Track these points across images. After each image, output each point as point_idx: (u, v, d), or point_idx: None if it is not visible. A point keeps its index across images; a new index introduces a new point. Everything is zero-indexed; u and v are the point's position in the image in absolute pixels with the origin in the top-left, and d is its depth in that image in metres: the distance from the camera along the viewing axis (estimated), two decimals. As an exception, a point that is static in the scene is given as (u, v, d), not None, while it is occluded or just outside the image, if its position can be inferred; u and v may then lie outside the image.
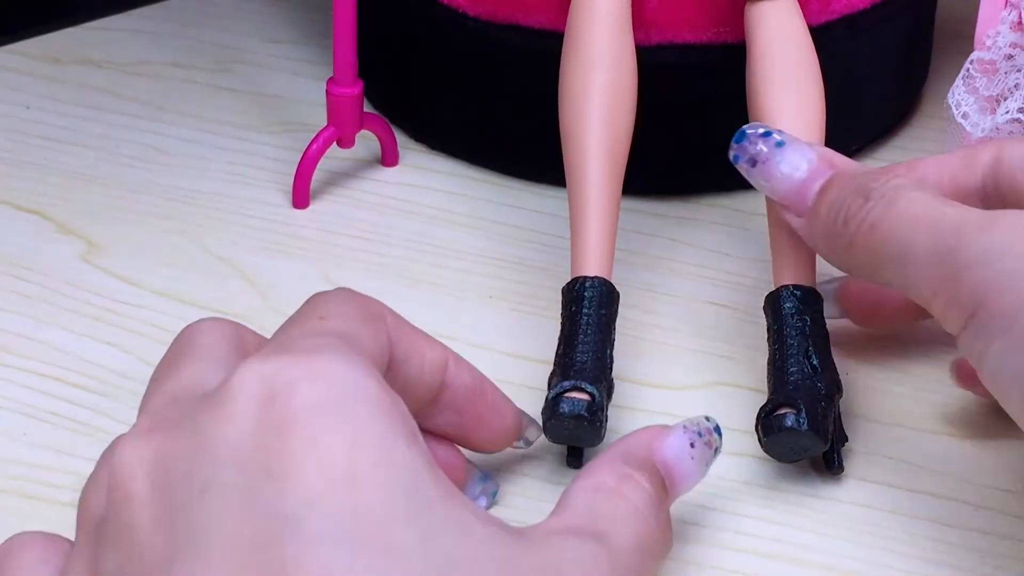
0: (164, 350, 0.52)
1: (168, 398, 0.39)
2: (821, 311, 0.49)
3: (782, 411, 0.46)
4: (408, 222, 0.59)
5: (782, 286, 0.49)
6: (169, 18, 0.72)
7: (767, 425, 0.46)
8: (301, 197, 0.60)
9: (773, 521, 0.47)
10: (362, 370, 0.37)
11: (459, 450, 0.46)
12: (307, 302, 0.41)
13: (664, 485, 0.42)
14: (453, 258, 0.57)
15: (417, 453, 0.37)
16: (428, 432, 0.44)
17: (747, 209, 0.59)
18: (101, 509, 0.37)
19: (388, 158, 0.62)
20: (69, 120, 0.65)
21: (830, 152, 0.49)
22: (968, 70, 0.59)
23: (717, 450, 0.43)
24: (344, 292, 0.42)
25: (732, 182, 0.52)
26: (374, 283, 0.56)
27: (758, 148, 0.49)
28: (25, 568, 0.38)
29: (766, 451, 0.47)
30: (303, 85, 0.67)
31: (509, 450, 0.47)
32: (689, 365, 0.53)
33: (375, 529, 0.35)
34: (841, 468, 0.47)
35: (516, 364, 0.52)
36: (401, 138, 0.63)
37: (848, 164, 0.49)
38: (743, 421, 0.50)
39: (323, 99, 0.59)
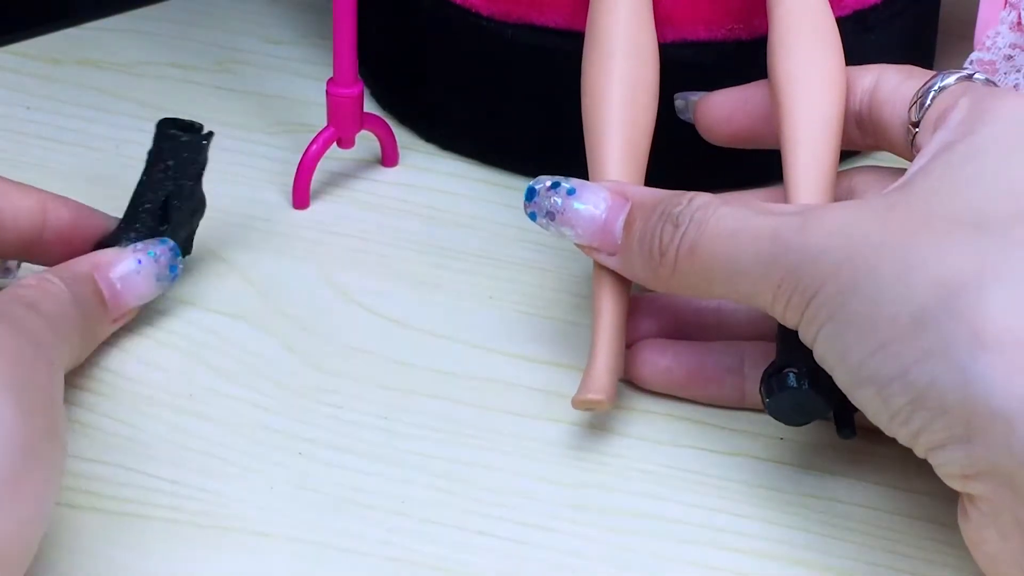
0: (164, 350, 0.53)
1: None
2: None
3: (784, 371, 0.46)
4: (408, 222, 0.59)
5: None
6: (169, 18, 0.72)
7: (769, 385, 0.46)
8: (301, 197, 0.60)
9: (773, 521, 0.47)
10: None
11: None
12: None
13: (101, 296, 0.50)
14: (453, 258, 0.57)
15: None
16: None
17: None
18: None
19: (388, 158, 0.62)
20: (69, 120, 0.65)
21: (620, 184, 0.50)
22: (968, 70, 0.59)
23: (175, 267, 0.52)
24: None
25: (746, 180, 0.52)
26: (374, 283, 0.56)
27: (551, 200, 0.50)
28: None
29: (769, 413, 0.46)
30: (303, 85, 0.67)
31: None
32: (689, 365, 0.53)
33: None
34: (853, 433, 0.47)
35: (516, 364, 0.52)
36: (401, 138, 0.63)
37: (642, 192, 0.50)
38: (744, 421, 0.50)
39: (323, 99, 0.59)
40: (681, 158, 0.56)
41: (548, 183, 0.50)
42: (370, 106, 0.63)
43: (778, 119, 0.51)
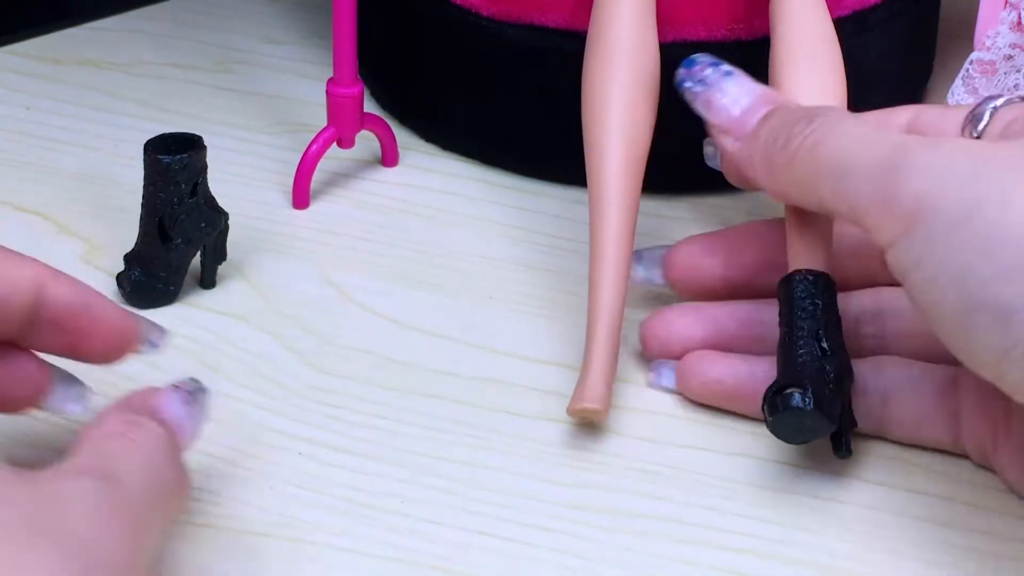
0: (165, 351, 0.53)
1: None
2: (834, 296, 0.48)
3: (788, 390, 0.46)
4: (408, 222, 0.59)
5: (795, 271, 0.49)
6: (169, 18, 0.72)
7: (773, 404, 0.46)
8: (301, 197, 0.60)
9: (773, 521, 0.47)
10: None
11: (39, 358, 0.45)
12: None
13: (174, 434, 0.43)
14: (453, 258, 0.57)
15: None
16: (26, 349, 0.45)
17: (748, 210, 0.59)
18: None
19: (388, 158, 0.62)
20: (69, 120, 0.65)
21: (775, 92, 0.51)
22: (967, 71, 0.59)
23: (205, 408, 0.45)
24: None
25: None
26: (374, 283, 0.56)
27: (705, 73, 0.50)
28: None
29: (772, 431, 0.46)
30: (303, 85, 0.67)
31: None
32: (689, 365, 0.53)
33: None
34: (849, 452, 0.47)
35: (516, 364, 0.52)
36: (401, 138, 0.63)
37: (791, 102, 0.50)
38: (744, 421, 0.50)
39: (323, 99, 0.60)
40: (680, 158, 0.56)
41: (710, 59, 0.51)
42: (370, 106, 0.63)
43: None
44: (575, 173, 0.51)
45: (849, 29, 0.59)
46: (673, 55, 0.56)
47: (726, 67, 0.50)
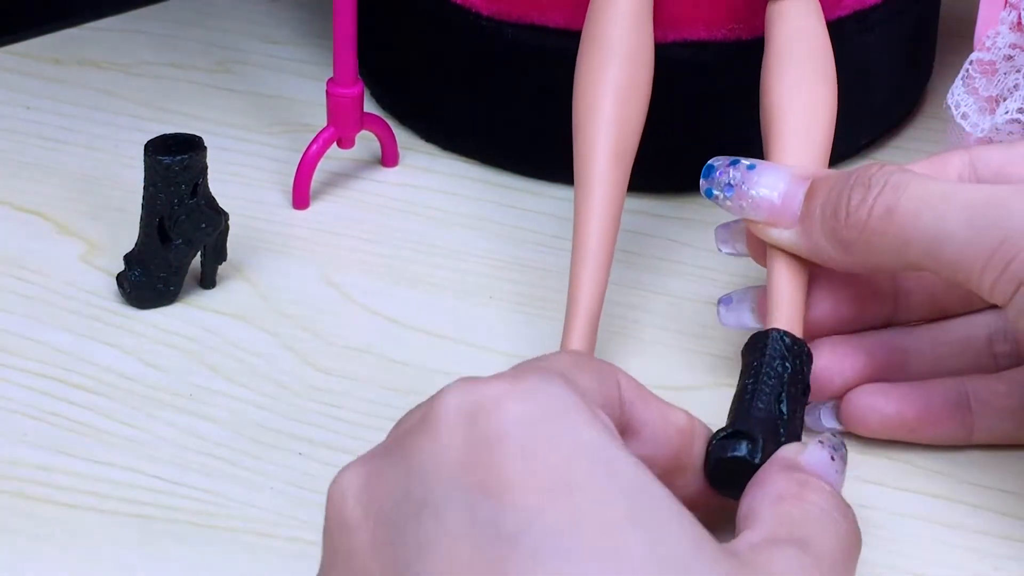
0: (165, 351, 0.53)
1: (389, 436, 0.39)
2: (806, 367, 0.47)
3: (740, 439, 0.44)
4: (408, 222, 0.59)
5: (772, 328, 0.48)
6: (169, 18, 0.72)
7: (719, 447, 0.44)
8: (301, 197, 0.60)
9: (773, 521, 0.47)
10: (566, 388, 0.37)
11: None
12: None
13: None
14: (453, 258, 0.57)
15: (634, 458, 0.36)
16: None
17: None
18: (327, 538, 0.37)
19: (388, 158, 0.62)
20: (69, 120, 0.65)
21: (801, 167, 0.49)
22: (967, 71, 0.59)
23: (845, 465, 0.44)
24: (573, 351, 0.41)
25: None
26: (374, 283, 0.56)
27: (731, 175, 0.49)
28: None
29: (707, 475, 0.44)
30: (303, 85, 0.67)
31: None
32: (689, 365, 0.53)
33: (599, 536, 0.34)
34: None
35: (516, 364, 0.52)
36: (401, 138, 0.63)
37: (824, 171, 0.49)
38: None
39: (323, 99, 0.60)
40: (676, 158, 0.56)
41: (727, 160, 0.49)
42: (370, 106, 0.63)
43: (767, 142, 0.51)
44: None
45: (849, 29, 0.59)
46: (674, 55, 0.56)
47: (745, 161, 0.49)
